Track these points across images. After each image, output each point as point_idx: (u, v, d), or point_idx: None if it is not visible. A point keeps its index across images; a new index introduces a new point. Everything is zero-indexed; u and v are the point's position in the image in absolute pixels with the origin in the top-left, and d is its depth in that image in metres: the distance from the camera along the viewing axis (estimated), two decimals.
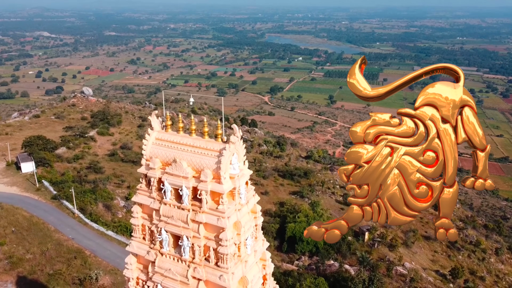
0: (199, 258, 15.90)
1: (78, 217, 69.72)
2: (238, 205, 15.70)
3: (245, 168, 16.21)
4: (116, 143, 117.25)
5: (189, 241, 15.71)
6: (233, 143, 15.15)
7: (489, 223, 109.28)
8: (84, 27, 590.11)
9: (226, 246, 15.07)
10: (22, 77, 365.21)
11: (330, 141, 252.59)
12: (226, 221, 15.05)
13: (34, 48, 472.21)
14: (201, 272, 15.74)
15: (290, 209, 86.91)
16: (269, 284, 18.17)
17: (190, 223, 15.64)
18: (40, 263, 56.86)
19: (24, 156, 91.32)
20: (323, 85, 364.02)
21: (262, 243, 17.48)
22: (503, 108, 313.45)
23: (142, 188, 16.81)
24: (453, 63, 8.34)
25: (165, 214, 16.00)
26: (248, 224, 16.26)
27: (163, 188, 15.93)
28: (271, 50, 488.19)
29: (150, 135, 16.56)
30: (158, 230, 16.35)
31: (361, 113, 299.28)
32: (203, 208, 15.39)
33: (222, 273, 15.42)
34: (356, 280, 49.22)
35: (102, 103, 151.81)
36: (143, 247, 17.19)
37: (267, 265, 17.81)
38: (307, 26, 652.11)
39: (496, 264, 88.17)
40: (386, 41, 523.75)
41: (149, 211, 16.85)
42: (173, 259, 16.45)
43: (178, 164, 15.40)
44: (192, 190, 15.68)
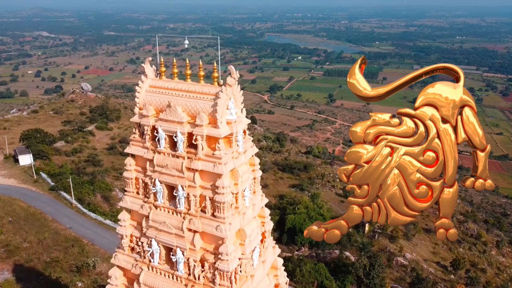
0: (195, 209, 15.27)
1: (76, 207, 69.14)
2: (236, 153, 15.07)
3: (243, 116, 15.58)
4: (115, 137, 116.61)
5: (184, 191, 15.08)
6: (230, 86, 14.52)
7: (490, 218, 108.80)
8: (83, 27, 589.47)
9: (223, 194, 14.43)
10: (21, 76, 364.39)
11: (329, 139, 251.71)
12: (223, 167, 14.42)
13: (33, 48, 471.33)
14: (197, 224, 15.12)
15: (290, 201, 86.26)
16: (268, 242, 17.57)
17: (185, 172, 15.00)
18: (37, 252, 56.26)
19: (22, 149, 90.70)
20: (322, 84, 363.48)
21: (261, 198, 16.86)
22: (503, 107, 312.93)
23: (135, 139, 16.18)
24: (453, 62, 8.21)
25: (159, 163, 15.37)
26: (246, 175, 15.65)
27: (157, 136, 15.31)
28: (271, 50, 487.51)
29: (143, 83, 15.93)
30: (152, 181, 15.71)
31: (360, 112, 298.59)
32: (199, 154, 14.75)
33: (218, 223, 14.79)
34: (357, 265, 48.63)
35: (101, 99, 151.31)
36: (136, 202, 16.57)
37: (266, 222, 17.20)
38: (307, 26, 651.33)
39: (497, 257, 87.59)
40: (386, 40, 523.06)
41: (142, 163, 16.23)
42: (167, 211, 15.82)
43: (172, 108, 14.77)
44: (187, 137, 15.05)
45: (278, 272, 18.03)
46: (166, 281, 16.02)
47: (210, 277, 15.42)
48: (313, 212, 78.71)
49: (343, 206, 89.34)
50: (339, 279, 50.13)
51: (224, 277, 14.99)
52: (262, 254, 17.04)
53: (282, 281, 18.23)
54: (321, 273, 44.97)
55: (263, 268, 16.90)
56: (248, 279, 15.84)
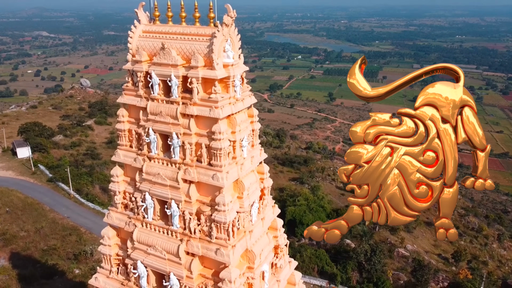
0: (190, 158, 14.60)
1: (74, 197, 68.53)
2: (233, 99, 14.40)
3: (241, 62, 14.90)
4: (114, 131, 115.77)
5: (179, 139, 14.40)
6: (227, 25, 13.85)
7: (490, 214, 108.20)
8: (83, 26, 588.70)
9: (220, 139, 13.76)
10: (21, 76, 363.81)
11: (329, 138, 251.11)
12: (219, 111, 13.74)
13: (33, 47, 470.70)
14: (193, 173, 14.45)
15: (290, 194, 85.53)
16: (267, 200, 16.92)
17: (180, 118, 14.33)
18: (34, 240, 55.61)
19: (20, 142, 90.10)
20: (322, 83, 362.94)
21: (260, 152, 16.20)
22: (503, 105, 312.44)
23: (128, 88, 15.53)
24: (453, 61, 7.75)
25: (153, 111, 14.71)
26: (243, 124, 14.99)
27: (150, 82, 14.65)
28: (270, 49, 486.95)
29: (136, 28, 15.28)
30: (145, 131, 15.04)
31: (360, 110, 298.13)
32: (194, 99, 14.08)
33: (215, 172, 14.11)
34: (358, 250, 47.99)
35: (100, 95, 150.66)
36: (129, 155, 15.90)
37: (265, 179, 16.53)
38: (306, 25, 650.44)
39: (498, 250, 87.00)
40: (385, 39, 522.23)
41: (135, 114, 15.58)
42: (162, 163, 15.16)
43: (166, 51, 14.10)
44: (182, 82, 14.38)
45: (278, 233, 17.39)
46: (161, 237, 15.37)
47: (206, 230, 14.77)
48: (314, 204, 77.84)
49: (343, 199, 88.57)
50: (340, 265, 49.53)
51: (221, 229, 14.33)
52: (261, 211, 16.40)
53: (282, 242, 17.59)
54: (322, 259, 44.31)
55: (262, 226, 16.25)
56: (246, 234, 15.20)
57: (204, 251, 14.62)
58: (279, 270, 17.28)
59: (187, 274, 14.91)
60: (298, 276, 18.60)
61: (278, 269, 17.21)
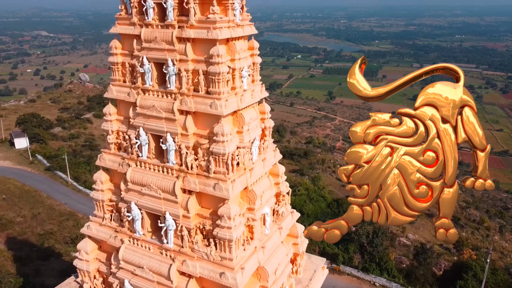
0: (187, 87, 13.77)
1: (71, 185, 67.68)
2: (232, 23, 13.60)
3: None
4: None
5: (175, 66, 13.59)
6: None
7: (491, 209, 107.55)
8: (82, 26, 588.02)
9: (218, 63, 12.92)
10: (20, 75, 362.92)
11: (329, 136, 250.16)
12: (217, 32, 12.91)
13: (32, 47, 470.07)
14: (189, 103, 13.61)
15: (290, 185, 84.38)
16: (268, 142, 16.09)
17: (176, 44, 13.50)
18: (31, 225, 54.74)
19: (17, 132, 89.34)
20: (322, 82, 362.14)
21: (261, 88, 15.37)
22: (503, 104, 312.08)
23: (121, 17, 14.71)
24: (452, 60, 7.05)
25: (147, 38, 13.88)
26: (243, 53, 14.17)
27: (144, 6, 13.83)
28: (270, 48, 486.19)
29: None
30: (140, 61, 14.22)
31: (360, 109, 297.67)
32: (191, 21, 13.25)
33: (213, 100, 13.28)
34: (360, 232, 47.17)
35: (99, 89, 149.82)
36: (123, 90, 15.08)
37: (266, 119, 15.71)
38: (306, 25, 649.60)
39: (500, 241, 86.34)
40: (385, 39, 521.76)
41: (129, 45, 14.76)
42: (157, 95, 14.32)
43: None
44: (178, 3, 13.50)
45: (280, 180, 16.59)
46: (156, 175, 14.53)
47: (204, 165, 13.93)
48: (314, 193, 76.98)
49: (344, 190, 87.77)
50: (342, 247, 48.69)
51: (219, 162, 13.49)
52: (261, 152, 15.58)
53: (284, 190, 16.80)
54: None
55: (263, 167, 15.42)
56: (246, 172, 14.37)
57: (202, 187, 13.79)
58: (281, 218, 16.48)
59: (183, 213, 14.08)
60: (301, 228, 17.81)
61: (280, 216, 16.40)
